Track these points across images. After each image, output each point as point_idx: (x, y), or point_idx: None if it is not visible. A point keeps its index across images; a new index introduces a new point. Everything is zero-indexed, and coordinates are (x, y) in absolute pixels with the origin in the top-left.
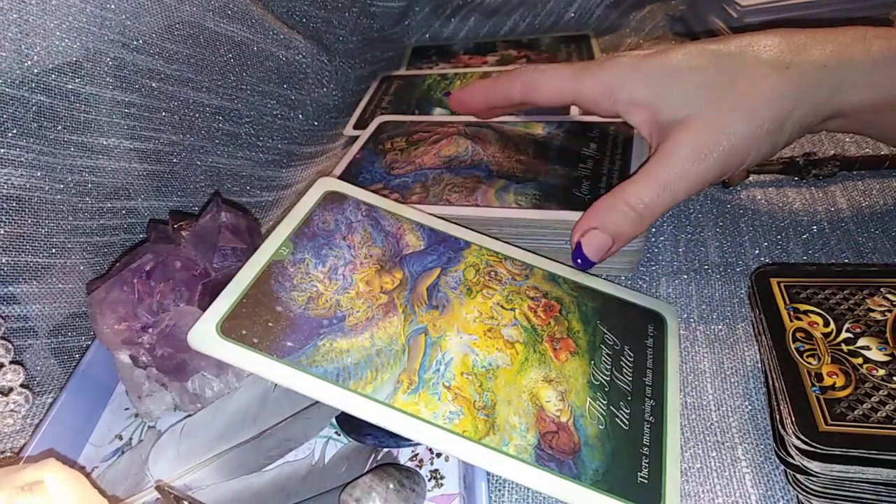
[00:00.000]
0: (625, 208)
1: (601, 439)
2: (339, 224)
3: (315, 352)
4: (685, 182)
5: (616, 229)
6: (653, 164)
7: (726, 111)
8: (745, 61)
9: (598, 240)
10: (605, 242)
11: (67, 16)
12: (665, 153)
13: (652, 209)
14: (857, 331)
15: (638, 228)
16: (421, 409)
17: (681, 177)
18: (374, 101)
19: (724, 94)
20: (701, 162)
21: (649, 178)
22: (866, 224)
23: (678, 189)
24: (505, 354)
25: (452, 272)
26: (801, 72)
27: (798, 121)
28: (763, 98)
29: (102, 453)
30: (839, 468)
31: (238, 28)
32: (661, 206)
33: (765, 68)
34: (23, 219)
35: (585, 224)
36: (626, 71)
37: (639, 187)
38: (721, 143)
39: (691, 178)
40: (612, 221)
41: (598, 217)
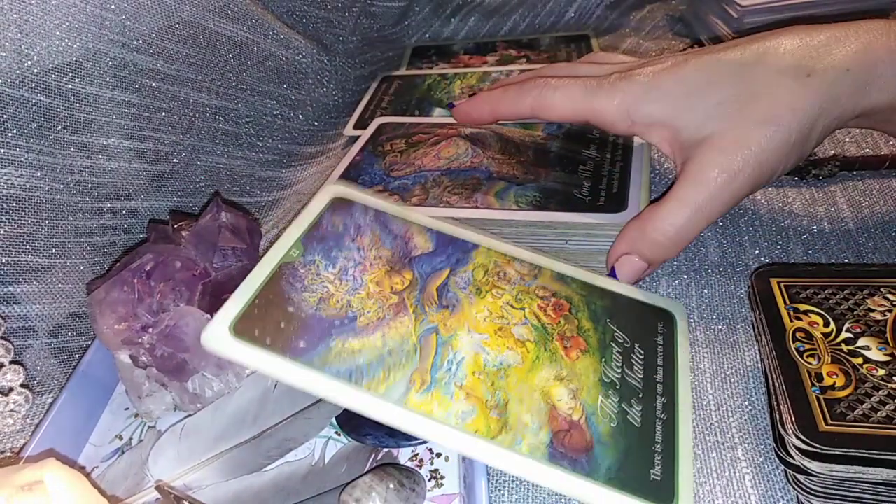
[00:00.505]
0: (656, 235)
1: (613, 437)
2: (348, 227)
3: (328, 352)
4: (718, 203)
5: (649, 255)
6: (682, 188)
7: (751, 127)
8: (765, 72)
9: (633, 266)
10: (639, 267)
11: (67, 16)
12: (693, 175)
13: (685, 234)
14: (857, 331)
15: (671, 253)
16: (434, 408)
17: (713, 198)
18: (374, 102)
19: (747, 109)
20: (732, 182)
21: (680, 203)
22: (866, 224)
23: (712, 211)
24: (516, 353)
25: (461, 273)
26: (824, 79)
27: (824, 128)
28: (788, 109)
29: (102, 453)
30: (839, 468)
31: (238, 28)
32: (694, 229)
33: (786, 79)
34: (23, 219)
35: (618, 251)
36: (641, 91)
37: (670, 213)
38: (749, 160)
39: (724, 199)
40: (641, 249)
41: (629, 244)
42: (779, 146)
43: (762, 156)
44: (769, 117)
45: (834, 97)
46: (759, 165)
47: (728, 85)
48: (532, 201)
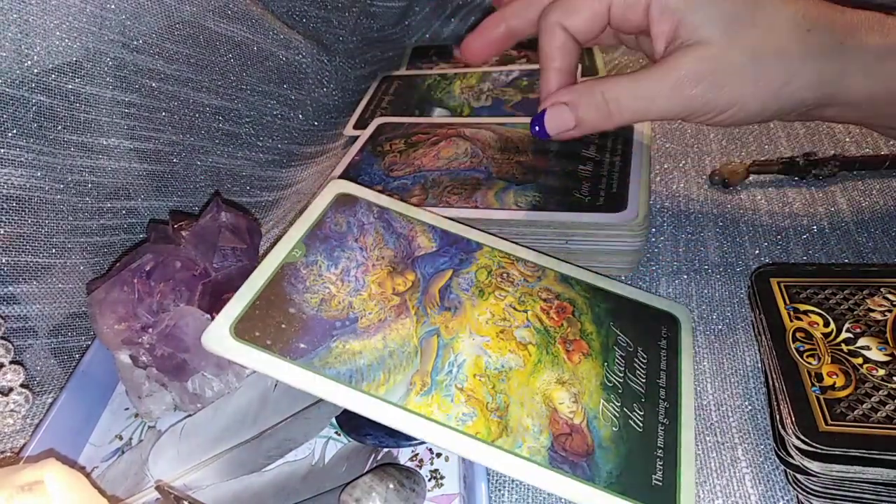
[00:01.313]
0: (599, 98)
1: (615, 441)
2: (351, 226)
3: (328, 353)
4: (665, 101)
5: (583, 113)
6: (644, 72)
7: (735, 48)
8: (773, 7)
9: (564, 117)
10: (568, 121)
11: (67, 16)
12: (662, 66)
13: (622, 111)
14: (857, 331)
15: (602, 123)
16: (434, 410)
17: (664, 94)
18: (374, 101)
19: (741, 32)
20: (689, 88)
21: (633, 82)
22: (866, 224)
23: (656, 105)
24: (518, 356)
25: (464, 274)
26: (818, 40)
27: (797, 90)
28: (774, 50)
29: (102, 453)
30: (839, 468)
31: (238, 28)
32: (632, 112)
33: (786, 23)
34: (23, 219)
35: (558, 97)
36: None
37: (620, 86)
38: (717, 75)
39: (672, 100)
40: (582, 104)
41: (571, 94)
42: (748, 77)
43: (729, 77)
44: (756, 50)
45: (820, 60)
46: (720, 86)
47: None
48: (532, 201)
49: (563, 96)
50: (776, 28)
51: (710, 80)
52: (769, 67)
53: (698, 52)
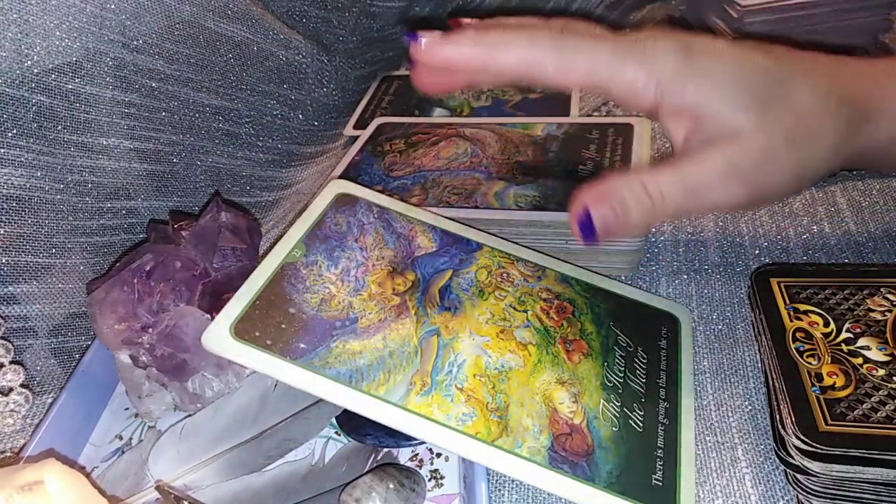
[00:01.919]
0: (642, 194)
1: (615, 441)
2: (351, 226)
3: (328, 353)
4: (709, 195)
5: (626, 211)
6: (683, 163)
7: (772, 136)
8: (801, 86)
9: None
10: (612, 219)
11: (67, 16)
12: (700, 157)
13: (666, 205)
14: (857, 331)
15: (647, 218)
16: (434, 410)
17: (708, 189)
18: (374, 101)
19: (774, 115)
20: (733, 181)
21: (676, 176)
22: (866, 224)
23: (700, 199)
24: (518, 356)
25: (464, 274)
26: (848, 118)
27: (831, 169)
28: (809, 134)
29: (102, 453)
30: (839, 468)
31: (238, 28)
32: (676, 206)
33: (816, 103)
34: (23, 219)
35: (595, 194)
36: (680, 65)
37: (662, 179)
38: (759, 167)
39: (718, 194)
40: (623, 201)
41: (609, 193)
42: (792, 168)
43: (773, 171)
44: (794, 136)
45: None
46: (765, 178)
47: (763, 84)
48: (532, 201)
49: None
50: (807, 110)
51: (755, 172)
52: (806, 154)
53: (738, 144)
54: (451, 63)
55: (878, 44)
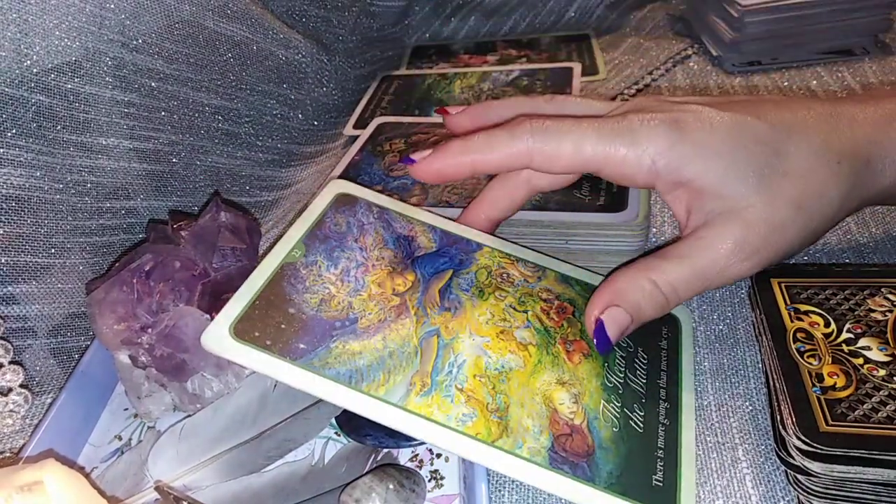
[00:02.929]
0: (650, 288)
1: (615, 442)
2: (350, 226)
3: (328, 354)
4: (721, 276)
5: (638, 311)
6: (689, 248)
7: (776, 206)
8: (797, 149)
9: (620, 319)
10: (625, 322)
11: (67, 15)
12: (704, 239)
13: (679, 295)
14: (857, 331)
15: (660, 312)
16: (434, 411)
17: (719, 270)
18: (374, 101)
19: (778, 186)
20: (744, 259)
21: (683, 262)
22: (867, 224)
23: (712, 281)
24: (518, 356)
25: (464, 274)
26: (849, 171)
27: (839, 219)
28: (815, 196)
29: (102, 454)
30: (840, 469)
31: (238, 28)
32: (689, 293)
33: (816, 162)
34: (22, 219)
35: (606, 300)
36: (669, 141)
37: (670, 269)
38: (769, 242)
39: (729, 274)
40: (634, 301)
41: (619, 296)
42: (799, 232)
43: (782, 239)
44: (798, 201)
45: (857, 188)
46: (775, 248)
47: (760, 154)
48: (532, 201)
49: (611, 298)
50: (809, 172)
51: (763, 246)
52: (814, 213)
53: (742, 220)
54: (444, 175)
55: (879, 44)
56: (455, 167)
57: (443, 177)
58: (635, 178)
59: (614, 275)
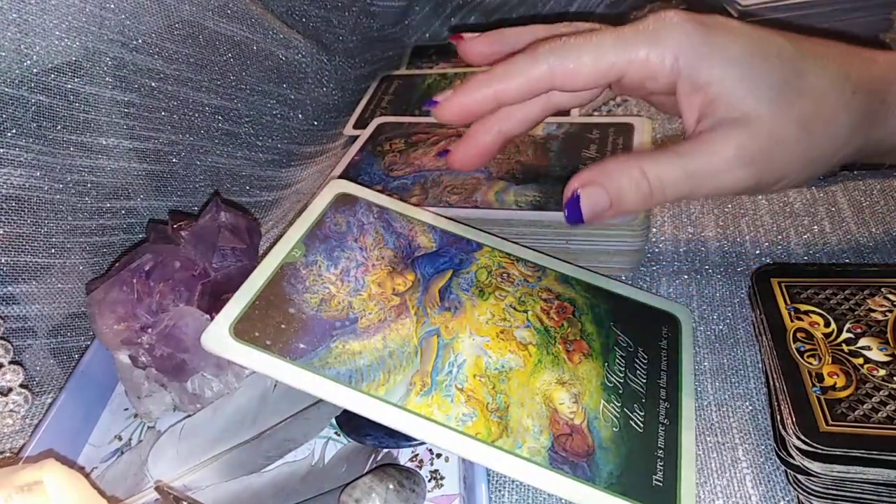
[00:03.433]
0: (637, 175)
1: (615, 442)
2: (350, 226)
3: (328, 353)
4: (713, 181)
5: (620, 195)
6: (687, 147)
7: (785, 121)
8: (815, 71)
9: (599, 199)
10: (603, 204)
11: (67, 15)
12: (707, 141)
13: (665, 191)
14: (857, 331)
15: (642, 204)
16: (434, 411)
17: (712, 173)
18: (374, 101)
19: (789, 101)
20: (739, 167)
21: (678, 159)
22: (867, 224)
23: (703, 184)
24: (518, 356)
25: (464, 274)
26: (863, 104)
27: (846, 156)
28: (823, 119)
29: (102, 454)
30: (840, 469)
31: (238, 28)
32: (676, 192)
33: (832, 88)
34: (22, 219)
35: (590, 177)
36: (695, 42)
37: (662, 162)
38: (769, 153)
39: (721, 180)
40: (619, 185)
41: (605, 175)
42: (801, 154)
43: (780, 157)
44: (806, 122)
45: (866, 125)
46: (772, 164)
47: (778, 69)
48: (532, 201)
49: (595, 177)
50: (823, 95)
51: (763, 159)
52: (820, 139)
53: (748, 129)
54: (468, 110)
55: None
56: (479, 101)
57: (467, 112)
58: (657, 78)
59: (607, 160)
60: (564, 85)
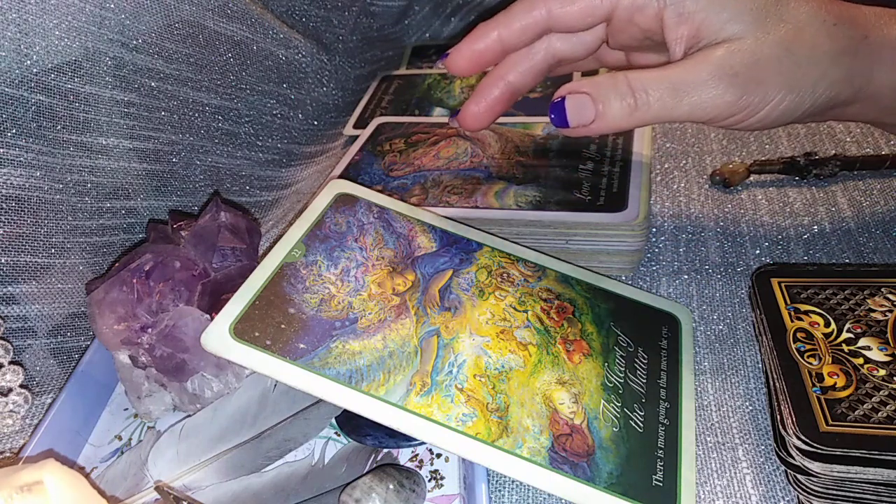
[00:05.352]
0: (625, 89)
1: (615, 442)
2: (350, 226)
3: (327, 354)
4: (696, 95)
5: (606, 106)
6: (672, 66)
7: (769, 42)
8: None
9: (584, 106)
10: (589, 111)
11: (67, 15)
12: (692, 59)
13: (649, 105)
14: (857, 331)
15: (625, 118)
16: (434, 411)
17: (694, 88)
18: (374, 101)
19: (771, 25)
20: (721, 83)
21: (662, 74)
22: (867, 224)
23: (687, 99)
24: (518, 356)
25: (464, 274)
26: (844, 34)
27: (830, 85)
28: (806, 45)
29: (102, 454)
30: (840, 468)
31: (238, 27)
32: (660, 108)
33: (813, 19)
34: (22, 219)
35: (579, 86)
36: None
37: (649, 77)
38: (753, 68)
39: (704, 95)
40: (606, 95)
41: (594, 86)
42: (783, 77)
43: (762, 74)
44: (788, 44)
45: (848, 55)
46: (754, 82)
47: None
48: (532, 201)
49: (584, 86)
50: (804, 24)
51: (746, 74)
52: (804, 62)
53: (731, 46)
54: (477, 57)
55: None
56: (484, 48)
57: (476, 59)
58: (645, 10)
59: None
60: (560, 21)
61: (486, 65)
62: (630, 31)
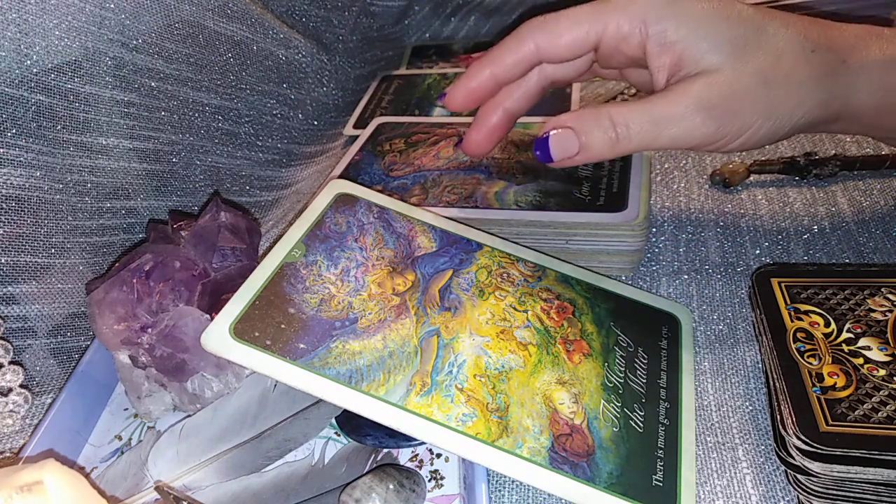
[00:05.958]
0: (607, 124)
1: (615, 442)
2: (350, 226)
3: (327, 354)
4: (676, 128)
5: (589, 138)
6: (653, 99)
7: (745, 74)
8: (777, 29)
9: (568, 139)
10: (572, 145)
11: (67, 15)
12: (671, 92)
13: (630, 138)
14: (857, 331)
15: (608, 150)
16: (434, 411)
17: (673, 121)
18: (374, 101)
19: (748, 55)
20: (698, 115)
21: (644, 108)
22: (867, 224)
23: (666, 132)
24: (518, 356)
25: (464, 274)
26: (823, 60)
27: (808, 111)
28: (783, 73)
29: (101, 454)
30: (840, 469)
31: (238, 27)
32: (640, 140)
33: (790, 46)
34: (22, 219)
35: (563, 121)
36: (660, 6)
37: (630, 111)
38: (729, 101)
39: (683, 127)
40: (589, 129)
41: (577, 120)
42: (762, 107)
43: (741, 107)
44: (765, 74)
45: (827, 80)
46: (734, 113)
47: (739, 26)
48: (532, 201)
49: (568, 121)
50: (781, 52)
51: (723, 107)
52: (780, 91)
53: (708, 79)
54: (472, 93)
55: None
56: (478, 85)
57: (472, 95)
58: (629, 41)
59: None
60: (549, 54)
61: (481, 100)
62: (617, 57)
